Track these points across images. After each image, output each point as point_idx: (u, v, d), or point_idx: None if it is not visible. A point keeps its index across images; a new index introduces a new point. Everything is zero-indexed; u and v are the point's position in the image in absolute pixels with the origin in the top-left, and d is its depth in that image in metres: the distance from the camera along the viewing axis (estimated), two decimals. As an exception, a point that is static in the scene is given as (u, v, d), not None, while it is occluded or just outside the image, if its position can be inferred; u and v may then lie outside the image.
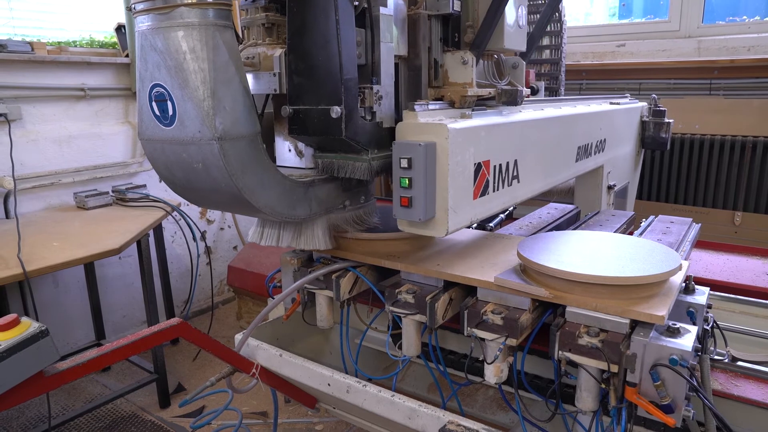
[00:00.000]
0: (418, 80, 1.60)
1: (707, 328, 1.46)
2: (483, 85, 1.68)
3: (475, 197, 1.48)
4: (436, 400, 1.85)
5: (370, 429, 1.90)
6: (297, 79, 1.41)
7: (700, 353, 1.38)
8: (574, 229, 2.10)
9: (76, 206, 3.14)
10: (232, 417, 2.62)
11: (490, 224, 2.33)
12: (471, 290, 1.51)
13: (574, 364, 1.29)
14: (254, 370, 1.77)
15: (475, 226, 2.07)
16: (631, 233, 2.15)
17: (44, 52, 3.08)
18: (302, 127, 1.43)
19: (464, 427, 1.35)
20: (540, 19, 2.21)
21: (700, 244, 2.53)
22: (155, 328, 1.55)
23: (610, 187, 2.68)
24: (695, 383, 1.17)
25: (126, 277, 3.63)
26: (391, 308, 1.56)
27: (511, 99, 1.69)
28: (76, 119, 3.31)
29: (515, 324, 1.33)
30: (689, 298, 1.45)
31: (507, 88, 1.71)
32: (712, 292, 1.60)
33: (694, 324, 1.37)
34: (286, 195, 1.45)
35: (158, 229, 3.34)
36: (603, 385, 1.27)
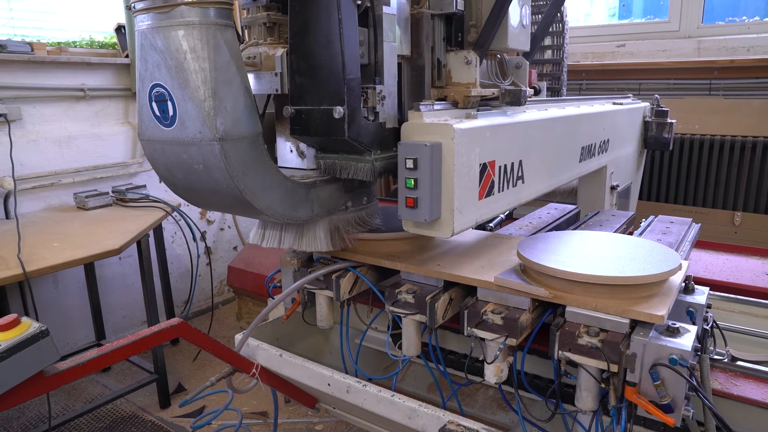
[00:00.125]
0: (421, 80, 1.58)
1: (707, 327, 1.46)
2: (486, 85, 1.66)
3: (481, 198, 1.47)
4: (436, 400, 1.85)
5: (370, 429, 1.90)
6: (299, 79, 1.40)
7: (699, 353, 1.39)
8: (574, 229, 2.10)
9: (76, 206, 3.14)
10: (233, 417, 2.62)
11: (490, 224, 2.33)
12: (471, 290, 1.51)
13: (574, 364, 1.29)
14: (254, 370, 1.78)
15: (475, 226, 2.07)
16: (630, 233, 2.15)
17: (44, 53, 3.08)
18: (304, 127, 1.42)
19: (464, 426, 1.35)
20: (543, 19, 2.19)
21: (700, 244, 2.54)
22: (155, 328, 1.55)
23: (613, 188, 2.67)
24: (695, 383, 1.17)
25: (126, 278, 3.63)
26: (391, 308, 1.56)
27: (515, 99, 1.68)
28: (76, 120, 3.31)
29: (515, 324, 1.33)
30: (689, 298, 1.45)
31: (511, 88, 1.70)
32: (711, 292, 1.60)
33: (693, 324, 1.37)
34: (287, 196, 1.44)
35: (158, 230, 3.35)
36: (603, 385, 1.27)
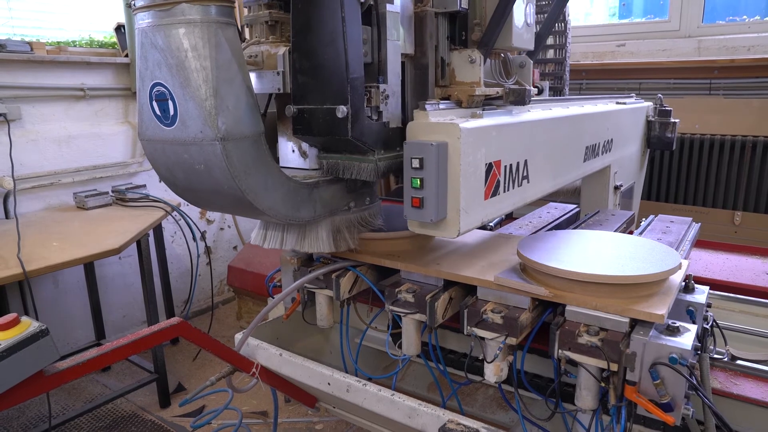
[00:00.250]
0: (425, 79, 1.56)
1: (707, 326, 1.46)
2: (490, 85, 1.65)
3: (486, 198, 1.46)
4: (436, 399, 1.85)
5: (370, 428, 1.90)
6: (301, 78, 1.38)
7: (699, 352, 1.39)
8: (574, 228, 2.10)
9: (75, 206, 3.14)
10: (233, 416, 2.62)
11: (490, 223, 2.33)
12: (471, 289, 1.51)
13: (574, 363, 1.29)
14: (254, 369, 1.77)
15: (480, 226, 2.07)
16: (630, 232, 2.15)
17: (43, 52, 3.08)
18: (307, 127, 1.41)
19: (464, 426, 1.35)
20: (547, 18, 2.19)
21: (700, 244, 2.54)
22: (155, 327, 1.55)
23: (616, 188, 2.66)
24: (695, 382, 1.17)
25: (126, 277, 3.63)
26: (391, 307, 1.56)
27: (519, 98, 1.66)
28: (76, 119, 3.31)
29: (515, 323, 1.33)
30: (689, 297, 1.45)
31: (515, 87, 1.68)
32: (711, 291, 1.60)
33: (693, 323, 1.37)
34: (290, 197, 1.42)
35: (158, 229, 3.35)
36: (603, 384, 1.27)
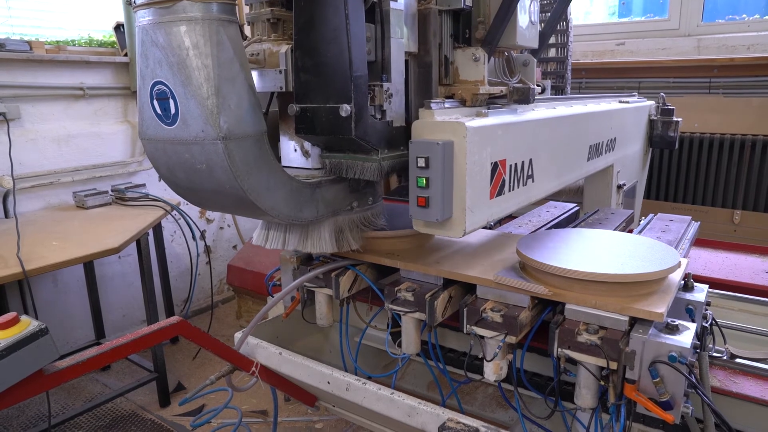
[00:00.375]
0: (429, 77, 1.54)
1: (706, 325, 1.46)
2: (494, 83, 1.64)
3: (492, 197, 1.45)
4: (436, 397, 1.85)
5: (369, 427, 1.90)
6: (304, 77, 1.37)
7: (698, 350, 1.39)
8: (574, 227, 2.10)
9: (75, 205, 3.14)
10: (232, 415, 2.62)
11: (490, 222, 2.33)
12: (470, 288, 1.51)
13: (574, 362, 1.29)
14: (254, 368, 1.78)
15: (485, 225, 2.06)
16: (630, 231, 2.15)
17: (43, 51, 3.08)
18: (310, 126, 1.39)
19: (464, 424, 1.35)
20: (551, 16, 2.18)
21: (699, 242, 2.54)
22: (155, 326, 1.55)
23: (619, 187, 2.66)
24: (694, 380, 1.17)
25: (126, 277, 3.63)
26: (391, 306, 1.56)
27: (523, 97, 1.65)
28: (75, 118, 3.30)
29: (514, 321, 1.33)
30: (688, 296, 1.46)
31: (519, 86, 1.67)
32: (710, 290, 1.60)
33: (692, 321, 1.37)
34: (292, 196, 1.40)
35: (158, 229, 3.34)
36: (602, 382, 1.28)
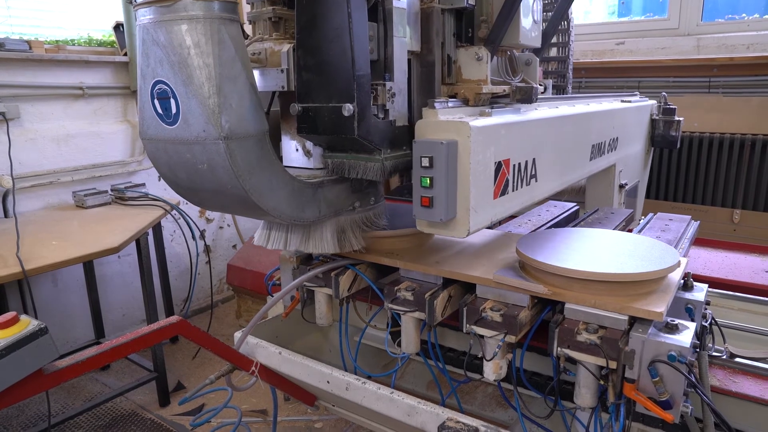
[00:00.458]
0: (431, 77, 1.53)
1: (705, 324, 1.46)
2: (497, 82, 1.63)
3: (495, 197, 1.45)
4: (436, 397, 1.85)
5: (369, 426, 1.90)
6: (306, 76, 1.36)
7: (698, 350, 1.39)
8: (573, 226, 2.10)
9: (74, 205, 3.14)
10: (232, 415, 2.62)
11: (493, 222, 2.33)
12: (470, 287, 1.51)
13: (573, 361, 1.29)
14: (254, 368, 1.78)
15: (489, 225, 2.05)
16: (630, 230, 2.15)
17: (42, 51, 3.07)
18: (312, 125, 1.38)
19: (463, 423, 1.35)
20: (554, 15, 2.17)
21: (699, 242, 2.54)
22: (154, 326, 1.55)
23: (621, 186, 2.65)
24: (693, 379, 1.17)
25: (125, 276, 3.63)
26: (390, 305, 1.56)
27: (526, 96, 1.64)
28: (75, 118, 3.30)
29: (514, 321, 1.34)
30: (688, 295, 1.46)
31: (522, 85, 1.67)
32: (710, 289, 1.60)
33: (692, 320, 1.37)
34: (294, 197, 1.39)
35: (157, 228, 3.34)
36: (602, 382, 1.28)
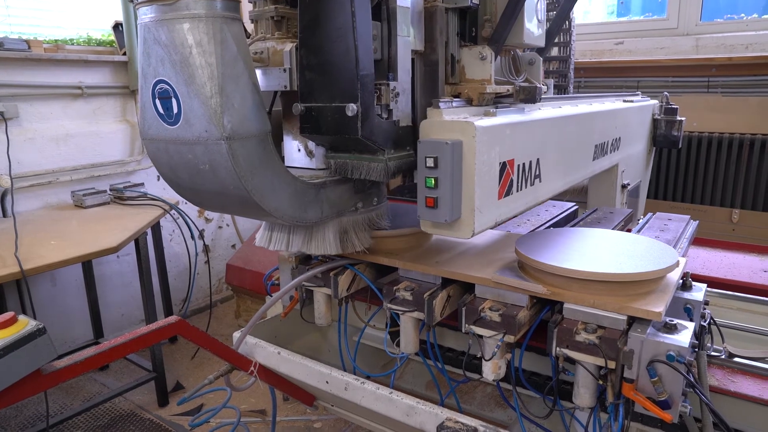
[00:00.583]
0: (435, 76, 1.52)
1: (704, 324, 1.46)
2: (500, 82, 1.62)
3: (500, 197, 1.44)
4: (435, 397, 1.85)
5: (368, 426, 1.90)
6: (309, 75, 1.35)
7: (697, 349, 1.39)
8: (572, 226, 2.10)
9: (73, 205, 3.14)
10: (231, 415, 2.62)
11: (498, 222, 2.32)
12: (469, 287, 1.51)
13: (572, 361, 1.29)
14: (252, 368, 1.77)
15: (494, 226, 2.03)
16: (629, 230, 2.15)
17: (41, 50, 3.07)
18: (315, 125, 1.37)
19: (462, 423, 1.35)
20: (557, 15, 2.17)
21: (698, 241, 2.54)
22: (153, 326, 1.55)
23: (623, 186, 2.64)
24: (692, 379, 1.17)
25: (124, 276, 3.63)
26: (389, 305, 1.56)
27: (530, 96, 1.63)
28: (74, 117, 3.30)
29: (513, 321, 1.34)
30: (686, 295, 1.46)
31: (525, 85, 1.66)
32: (709, 289, 1.60)
33: (691, 320, 1.37)
34: (297, 197, 1.38)
35: (156, 228, 3.34)
36: (600, 382, 1.28)
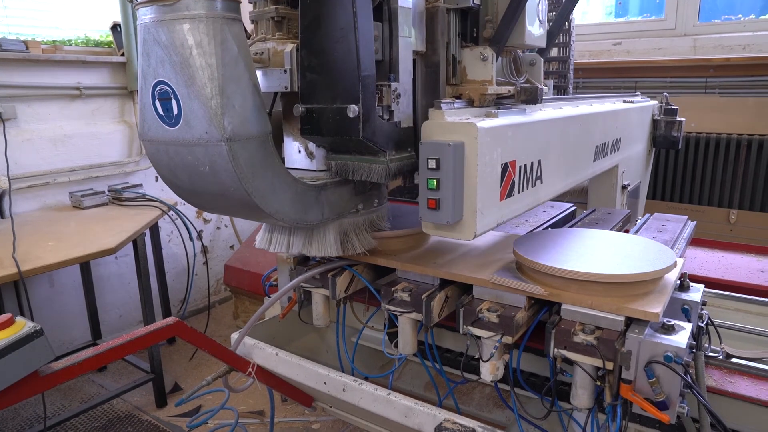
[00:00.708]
0: (436, 77, 1.51)
1: (702, 325, 1.46)
2: (501, 83, 1.61)
3: (502, 198, 1.43)
4: (433, 398, 1.85)
5: (366, 428, 1.90)
6: (310, 76, 1.35)
7: (694, 350, 1.39)
8: (570, 227, 2.10)
9: (71, 206, 3.13)
10: (229, 416, 2.62)
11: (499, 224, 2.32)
12: (467, 288, 1.51)
13: (570, 362, 1.29)
14: (251, 369, 1.77)
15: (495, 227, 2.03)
16: (626, 231, 2.16)
17: (39, 51, 3.06)
18: (316, 127, 1.36)
19: (460, 425, 1.35)
20: (558, 15, 2.17)
21: (696, 242, 2.55)
22: (151, 327, 1.55)
23: (624, 187, 2.65)
24: (690, 380, 1.17)
25: (122, 277, 3.62)
26: (387, 306, 1.56)
27: (531, 97, 1.63)
28: (72, 118, 3.29)
29: (511, 322, 1.34)
30: (684, 296, 1.46)
31: (527, 85, 1.66)
32: (706, 290, 1.60)
33: (688, 321, 1.37)
34: (297, 199, 1.38)
35: (154, 229, 3.33)
36: (598, 383, 1.28)
